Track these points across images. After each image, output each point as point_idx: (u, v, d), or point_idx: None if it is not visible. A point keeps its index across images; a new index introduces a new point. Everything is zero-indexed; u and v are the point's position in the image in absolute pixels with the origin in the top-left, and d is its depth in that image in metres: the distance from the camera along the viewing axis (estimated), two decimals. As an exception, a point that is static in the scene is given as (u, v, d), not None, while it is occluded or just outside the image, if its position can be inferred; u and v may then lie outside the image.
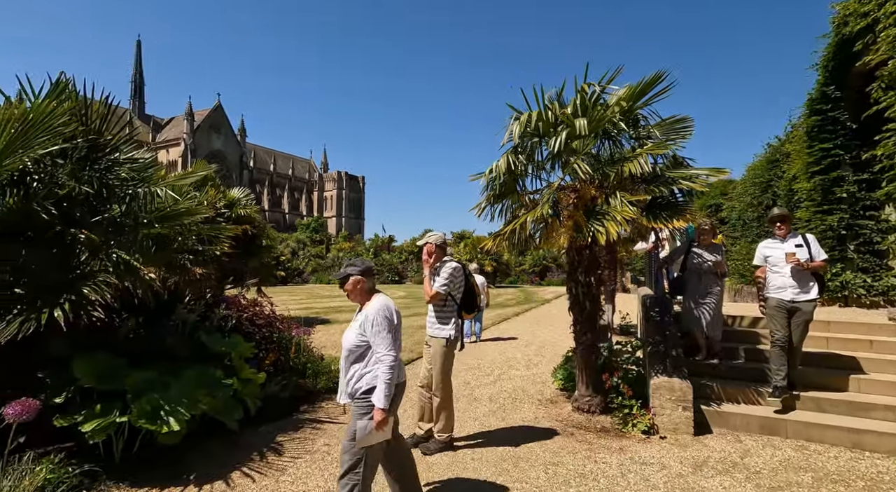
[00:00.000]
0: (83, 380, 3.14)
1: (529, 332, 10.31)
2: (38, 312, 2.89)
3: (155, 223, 3.82)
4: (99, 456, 3.19)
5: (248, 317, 5.69)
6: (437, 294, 3.70)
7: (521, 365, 6.91)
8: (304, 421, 4.43)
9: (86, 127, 3.47)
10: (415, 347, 8.06)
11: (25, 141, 2.95)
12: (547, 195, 4.26)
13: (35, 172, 3.18)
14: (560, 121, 4.21)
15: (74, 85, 3.44)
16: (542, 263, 35.88)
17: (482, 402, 5.11)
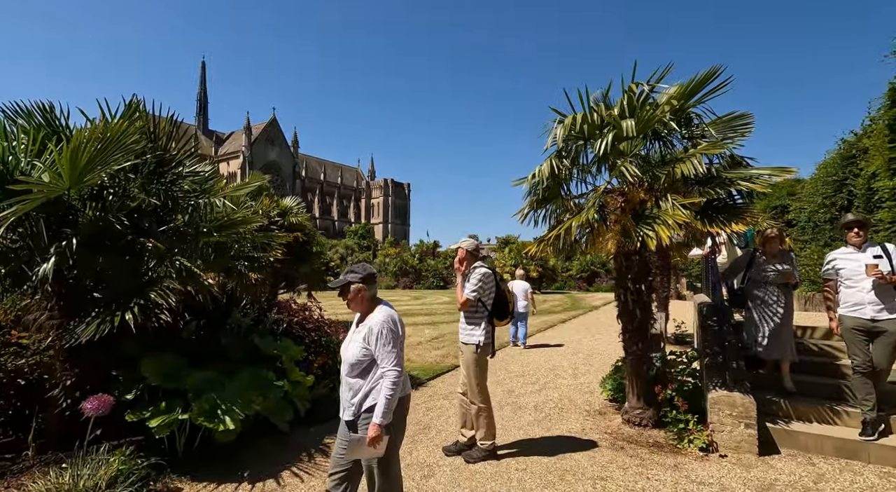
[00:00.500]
0: (150, 379, 3.38)
1: (576, 339, 10.01)
2: (112, 314, 3.15)
3: (214, 232, 4.06)
4: (164, 450, 3.42)
5: (298, 321, 5.91)
6: (467, 300, 3.68)
7: (567, 374, 6.72)
8: (351, 424, 4.53)
9: (154, 143, 3.77)
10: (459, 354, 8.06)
11: (103, 158, 3.23)
12: (593, 199, 4.13)
13: (110, 186, 3.49)
14: (606, 122, 4.08)
15: (144, 105, 3.75)
16: (589, 268, 34.83)
17: (527, 410, 5.01)
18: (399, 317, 2.56)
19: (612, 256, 4.70)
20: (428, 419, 4.70)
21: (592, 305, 18.91)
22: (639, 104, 4.09)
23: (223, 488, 3.25)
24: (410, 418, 4.66)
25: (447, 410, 5.01)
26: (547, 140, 4.34)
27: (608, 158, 4.16)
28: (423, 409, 5.04)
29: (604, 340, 9.85)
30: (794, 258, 4.84)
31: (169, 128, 3.87)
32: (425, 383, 6.12)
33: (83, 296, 3.46)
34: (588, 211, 3.98)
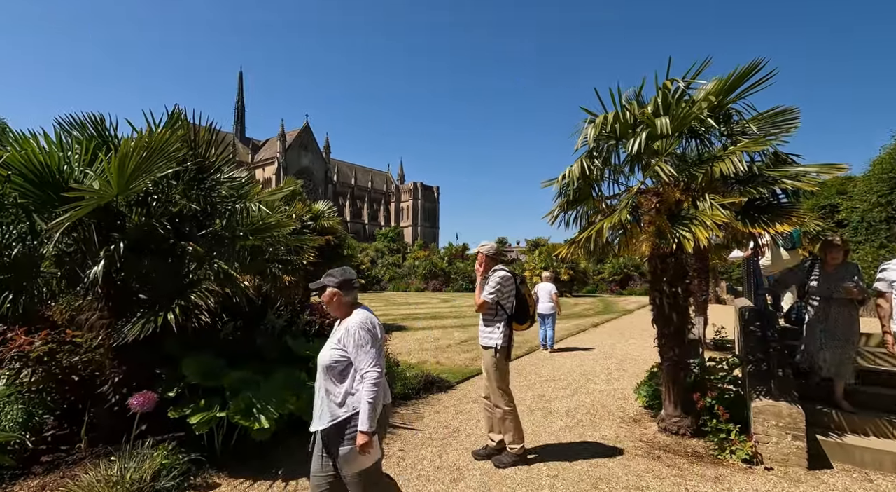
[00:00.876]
0: (190, 377, 3.52)
1: (609, 344, 9.76)
2: (156, 315, 3.31)
3: (249, 235, 4.20)
4: (203, 446, 3.55)
5: (329, 323, 6.03)
6: (484, 303, 3.64)
7: (600, 379, 6.55)
8: (381, 425, 4.56)
9: (194, 151, 3.94)
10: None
11: (148, 166, 3.40)
12: (626, 200, 4.02)
13: (154, 192, 3.67)
14: (640, 121, 3.96)
15: (185, 115, 3.92)
16: (622, 271, 33.96)
17: (558, 416, 4.91)
18: (378, 321, 2.43)
19: (647, 259, 4.56)
20: (457, 423, 4.68)
21: (626, 309, 18.40)
22: (674, 101, 3.96)
23: (258, 485, 3.33)
24: (440, 420, 4.71)
25: (476, 413, 4.98)
26: (577, 140, 4.25)
27: (641, 157, 4.04)
28: (452, 412, 5.03)
29: (638, 344, 9.56)
30: (859, 270, 4.40)
31: (208, 136, 4.03)
32: (455, 386, 6.10)
33: (129, 297, 3.64)
34: (620, 212, 3.88)
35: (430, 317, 15.40)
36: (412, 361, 7.55)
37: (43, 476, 3.38)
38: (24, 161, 3.21)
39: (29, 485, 3.28)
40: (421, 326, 13.00)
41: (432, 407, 5.20)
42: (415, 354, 8.27)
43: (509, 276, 3.73)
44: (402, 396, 5.44)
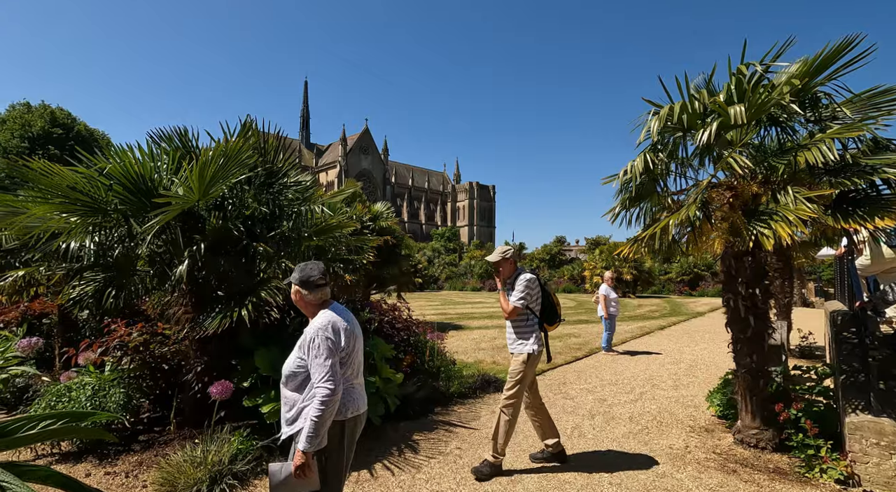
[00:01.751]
0: (262, 369, 3.77)
1: (677, 348, 9.19)
2: (231, 310, 3.58)
3: (314, 236, 4.42)
4: (273, 434, 3.78)
5: (388, 320, 6.19)
6: (515, 309, 3.51)
7: (667, 385, 6.19)
8: (438, 423, 4.63)
9: (263, 158, 4.22)
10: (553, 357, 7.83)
11: (224, 172, 3.69)
12: (695, 195, 3.77)
13: (230, 197, 3.97)
14: (710, 110, 3.70)
15: (256, 124, 4.21)
16: (692, 270, 31.84)
17: (621, 421, 4.70)
18: (346, 325, 2.15)
19: (720, 258, 4.25)
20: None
21: (696, 311, 17.24)
22: (749, 87, 3.65)
23: (323, 473, 3.50)
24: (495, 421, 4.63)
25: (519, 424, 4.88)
26: (640, 134, 4.04)
27: (712, 149, 3.77)
28: (509, 412, 4.98)
29: (710, 349, 8.92)
30: None
31: (275, 143, 4.30)
32: (511, 387, 6.03)
33: (209, 294, 3.96)
34: (689, 207, 3.64)
35: (487, 316, 15.36)
36: (468, 360, 7.58)
37: (140, 453, 3.78)
38: (123, 171, 3.61)
39: (129, 460, 3.68)
40: (477, 325, 13.01)
41: (488, 407, 5.18)
42: (471, 354, 8.28)
43: (534, 277, 3.65)
44: (459, 394, 5.47)
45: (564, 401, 5.43)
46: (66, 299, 4.19)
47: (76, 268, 4.21)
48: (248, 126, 4.11)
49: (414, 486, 3.34)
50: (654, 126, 3.88)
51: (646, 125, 4.03)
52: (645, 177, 4.15)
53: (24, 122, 34.94)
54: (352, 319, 2.27)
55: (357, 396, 2.20)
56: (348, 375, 2.14)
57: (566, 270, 38.83)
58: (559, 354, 8.18)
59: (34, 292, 6.65)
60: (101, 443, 3.87)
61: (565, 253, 52.67)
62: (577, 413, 4.96)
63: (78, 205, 3.60)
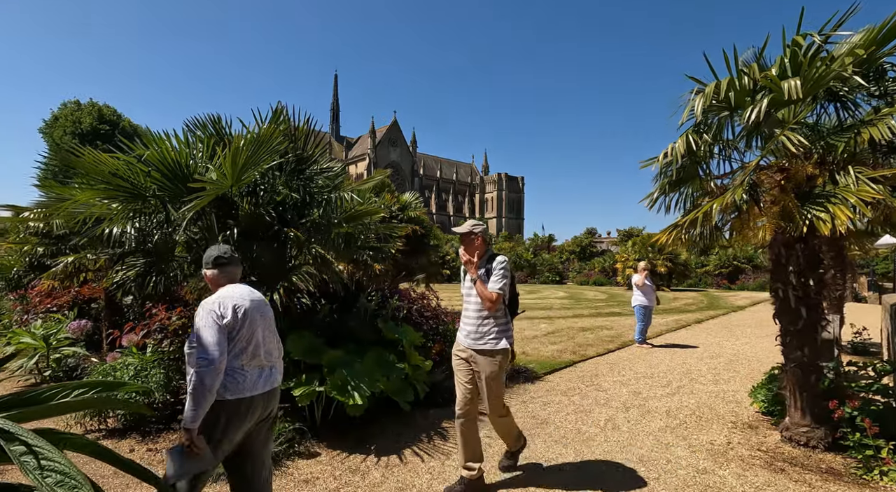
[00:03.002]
0: (294, 353, 3.82)
1: (715, 342, 8.81)
2: (263, 295, 3.62)
3: (343, 223, 4.43)
4: (305, 417, 3.84)
5: (417, 309, 6.19)
6: (499, 297, 2.92)
7: (706, 379, 5.93)
8: (467, 411, 4.58)
9: (294, 144, 4.23)
10: (577, 349, 7.67)
11: (255, 159, 3.73)
12: (741, 178, 3.54)
13: (261, 183, 4.01)
14: (761, 86, 3.44)
15: (286, 111, 4.22)
16: (731, 263, 30.55)
17: (657, 415, 4.53)
18: (239, 303, 2.10)
19: (768, 246, 3.99)
20: (546, 414, 4.54)
21: (736, 305, 16.51)
22: (806, 59, 3.37)
23: (353, 457, 3.53)
24: (528, 410, 4.61)
25: (565, 406, 4.79)
26: (682, 114, 3.82)
27: (761, 128, 3.52)
28: (539, 403, 4.89)
29: (751, 344, 8.51)
30: None
31: (305, 129, 4.31)
32: (542, 378, 5.93)
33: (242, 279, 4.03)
34: (735, 191, 3.42)
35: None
36: (498, 350, 7.50)
37: (180, 432, 3.91)
38: (160, 158, 3.69)
39: (170, 438, 3.82)
40: (506, 316, 12.88)
41: (519, 397, 5.10)
42: (500, 344, 8.20)
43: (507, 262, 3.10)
44: (488, 383, 5.41)
45: (597, 393, 5.28)
46: (110, 283, 4.36)
47: (118, 253, 4.37)
48: (279, 113, 4.13)
49: (444, 472, 3.32)
50: (698, 105, 3.66)
51: (689, 104, 3.81)
52: (687, 159, 3.94)
53: (74, 119, 36.95)
54: (256, 299, 2.25)
55: (244, 380, 2.07)
56: (235, 352, 2.04)
57: (597, 263, 38.00)
58: (591, 346, 7.99)
59: (84, 278, 7.01)
60: (143, 421, 4.03)
61: (596, 245, 51.53)
62: (611, 405, 4.82)
63: (119, 191, 3.71)
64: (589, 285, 31.85)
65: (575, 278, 35.99)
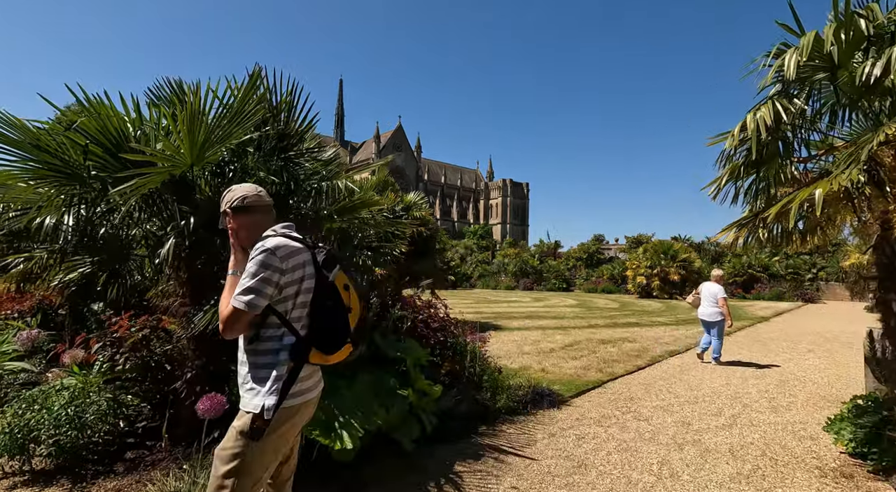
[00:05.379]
0: (266, 377, 2.99)
1: (750, 357, 7.89)
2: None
3: (335, 215, 3.62)
4: (280, 460, 3.00)
5: (422, 319, 5.35)
6: (233, 313, 1.65)
7: (760, 405, 5.05)
8: (484, 448, 3.73)
9: (275, 117, 3.44)
10: (602, 366, 6.79)
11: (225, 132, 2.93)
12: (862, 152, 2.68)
13: (229, 161, 3.21)
14: (885, 32, 2.62)
15: (266, 77, 3.42)
16: (745, 271, 29.50)
17: (720, 456, 3.66)
18: None
19: (872, 246, 3.14)
20: (581, 453, 3.67)
21: (759, 316, 15.54)
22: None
23: (339, 518, 2.68)
24: (559, 447, 3.61)
25: (604, 441, 3.92)
26: (767, 74, 3.00)
27: (885, 90, 2.68)
28: (571, 437, 4.02)
29: (795, 361, 7.59)
30: None
31: (289, 99, 3.51)
32: (569, 402, 5.06)
33: (206, 282, 3.22)
34: (850, 171, 2.57)
35: (525, 316, 14.33)
36: (513, 366, 6.64)
37: (121, 477, 3.08)
38: (100, 127, 2.90)
39: (106, 487, 2.98)
40: (517, 325, 12.02)
41: (545, 428, 4.24)
42: (514, 358, 7.34)
43: (294, 248, 1.74)
44: (508, 410, 4.55)
45: (638, 423, 4.41)
46: (47, 287, 3.56)
47: (57, 250, 3.56)
48: (256, 76, 3.33)
49: (459, 547, 2.46)
50: (791, 62, 2.82)
51: (776, 63, 2.98)
52: (771, 134, 3.10)
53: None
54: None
55: None
56: None
57: (605, 270, 37.01)
58: (617, 362, 7.11)
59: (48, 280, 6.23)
60: (80, 459, 3.21)
61: (604, 252, 50.51)
62: (659, 441, 3.95)
63: (47, 170, 2.91)
64: (598, 293, 30.88)
65: (582, 286, 35.01)
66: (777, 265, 29.69)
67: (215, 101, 3.03)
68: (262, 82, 3.37)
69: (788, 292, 25.96)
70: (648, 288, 26.02)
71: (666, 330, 11.44)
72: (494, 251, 58.86)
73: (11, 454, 3.10)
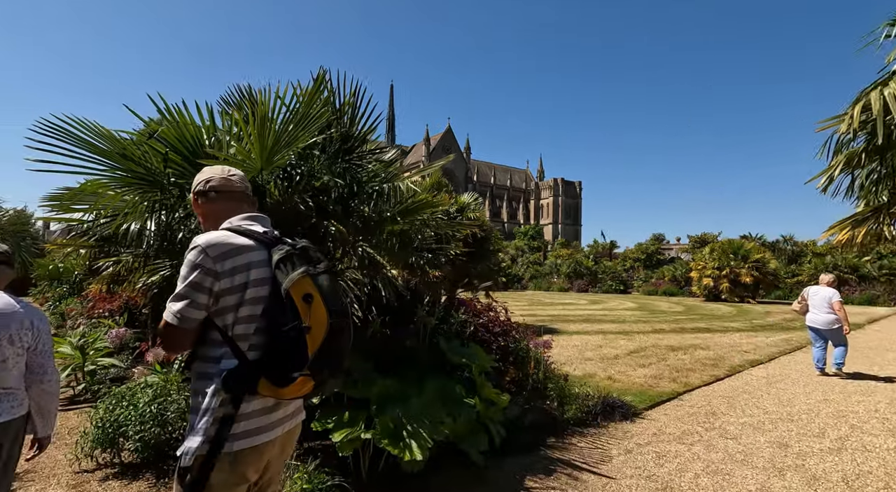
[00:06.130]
0: (334, 382, 2.96)
1: (850, 369, 7.02)
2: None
3: (398, 217, 3.55)
4: (348, 468, 2.96)
5: (482, 323, 5.20)
6: (164, 326, 1.37)
7: (872, 426, 4.42)
8: (555, 462, 3.51)
9: (338, 119, 3.42)
10: (675, 376, 6.31)
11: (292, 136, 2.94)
12: None
13: (297, 165, 3.22)
14: None
15: (329, 79, 3.43)
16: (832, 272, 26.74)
17: (831, 486, 3.20)
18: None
19: None
20: (665, 474, 3.35)
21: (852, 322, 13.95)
22: None
23: (410, 531, 2.58)
24: (637, 465, 3.32)
25: (689, 461, 3.57)
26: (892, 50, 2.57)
27: None
28: (651, 454, 3.70)
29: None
30: None
31: (352, 100, 3.49)
32: (642, 415, 4.70)
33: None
34: None
35: (583, 320, 13.78)
36: (576, 372, 6.32)
37: (198, 474, 3.17)
38: (178, 135, 3.00)
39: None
40: (574, 329, 11.57)
41: (620, 443, 3.94)
42: (577, 365, 6.99)
43: (231, 243, 1.40)
44: (576, 421, 4.29)
45: (726, 442, 3.99)
46: (132, 288, 3.76)
47: (141, 254, 3.75)
48: (321, 80, 3.33)
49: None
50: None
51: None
52: (891, 117, 2.66)
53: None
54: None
55: None
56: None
57: (666, 271, 35.03)
58: (691, 372, 6.57)
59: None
60: (163, 455, 3.35)
61: (664, 252, 47.96)
62: (754, 465, 3.53)
63: (133, 178, 3.05)
64: (658, 295, 29.27)
65: (641, 287, 33.35)
66: (868, 266, 26.64)
67: (282, 107, 3.06)
68: (326, 85, 3.36)
69: (883, 296, 23.24)
70: (716, 291, 24.27)
71: (742, 337, 10.53)
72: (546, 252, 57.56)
73: (104, 447, 3.30)
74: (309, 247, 1.48)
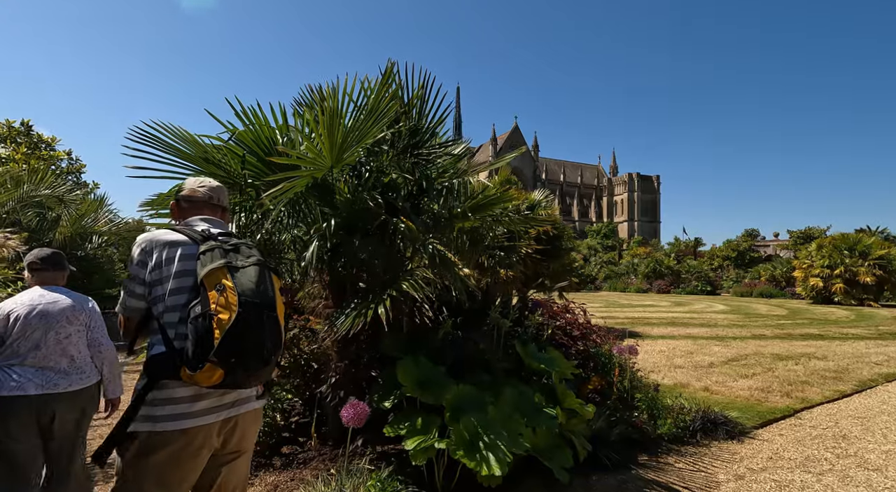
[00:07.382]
0: (405, 387, 2.83)
1: None
2: (367, 307, 2.70)
3: (469, 213, 3.36)
4: (422, 475, 2.82)
5: (560, 325, 4.85)
6: (118, 318, 1.57)
7: None
8: (650, 484, 3.11)
9: (406, 113, 3.31)
10: (788, 389, 5.48)
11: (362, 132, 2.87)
12: None
13: (366, 162, 3.15)
14: None
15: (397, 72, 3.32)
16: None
17: None
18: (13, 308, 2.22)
19: None
20: (789, 508, 2.82)
21: None
22: None
23: (489, 552, 2.37)
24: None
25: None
26: None
27: None
28: (770, 484, 3.14)
29: None
30: None
31: (421, 92, 3.35)
32: (751, 434, 4.08)
33: (345, 284, 3.21)
34: None
35: (667, 323, 12.70)
36: (666, 382, 5.73)
37: (279, 472, 3.20)
38: (255, 137, 3.05)
39: (266, 481, 3.11)
40: (658, 333, 10.66)
41: (727, 466, 3.42)
42: (666, 373, 6.36)
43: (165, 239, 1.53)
44: (671, 437, 3.82)
45: (867, 474, 3.31)
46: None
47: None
48: (389, 73, 3.23)
49: None
50: None
51: None
52: None
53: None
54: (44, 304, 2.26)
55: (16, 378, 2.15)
56: (7, 354, 2.17)
57: (762, 270, 31.60)
58: (808, 385, 5.68)
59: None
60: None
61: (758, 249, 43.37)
62: (910, 505, 2.87)
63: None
64: (753, 297, 26.41)
65: (732, 288, 30.35)
66: None
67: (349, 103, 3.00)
68: (394, 78, 3.26)
69: None
70: (826, 292, 21.37)
71: (868, 345, 9.04)
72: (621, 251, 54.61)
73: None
74: (243, 243, 1.59)
